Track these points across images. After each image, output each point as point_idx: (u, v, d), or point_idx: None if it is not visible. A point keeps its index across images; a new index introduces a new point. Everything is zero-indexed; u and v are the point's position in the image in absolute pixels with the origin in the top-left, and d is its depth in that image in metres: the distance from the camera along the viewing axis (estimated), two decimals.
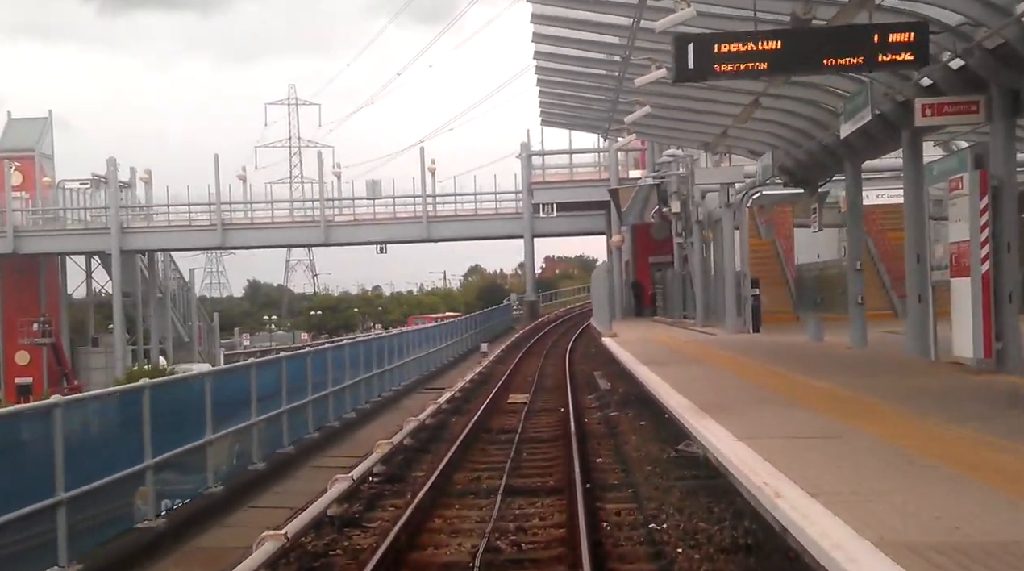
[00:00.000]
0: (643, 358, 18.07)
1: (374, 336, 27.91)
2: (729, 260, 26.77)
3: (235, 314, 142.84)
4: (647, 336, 26.72)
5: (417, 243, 69.74)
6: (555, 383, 30.52)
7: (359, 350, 24.00)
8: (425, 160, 68.19)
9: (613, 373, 29.93)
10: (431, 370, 34.22)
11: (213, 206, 66.14)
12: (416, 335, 32.14)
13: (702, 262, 32.62)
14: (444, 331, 38.48)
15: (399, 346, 28.55)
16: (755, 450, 8.87)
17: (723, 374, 15.95)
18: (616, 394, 23.41)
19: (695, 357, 18.89)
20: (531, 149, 49.59)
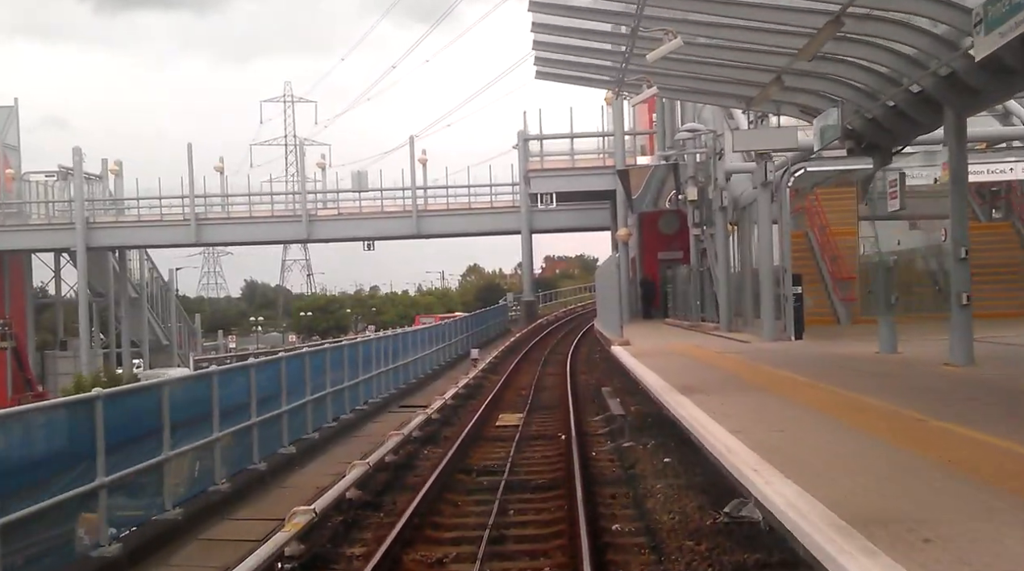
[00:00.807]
0: (676, 381, 13.30)
1: (342, 342, 23.19)
2: (766, 252, 22.05)
3: (231, 315, 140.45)
4: (667, 345, 21.98)
5: (406, 239, 64.95)
6: (554, 398, 25.93)
7: (321, 360, 19.31)
8: (415, 151, 63.55)
9: (622, 387, 25.28)
10: (410, 382, 29.51)
11: (187, 199, 61.34)
12: (394, 341, 27.44)
13: (726, 256, 27.89)
14: (428, 336, 33.76)
15: (371, 354, 23.84)
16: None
17: (807, 415, 10.55)
18: (629, 415, 18.79)
19: (746, 379, 14.07)
20: (528, 134, 44.94)
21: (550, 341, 49.40)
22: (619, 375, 29.88)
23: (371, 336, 29.97)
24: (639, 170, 34.39)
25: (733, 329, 27.60)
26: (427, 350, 33.17)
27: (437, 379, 32.96)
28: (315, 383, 18.21)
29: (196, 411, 12.80)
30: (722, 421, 9.48)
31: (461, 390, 27.06)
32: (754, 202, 25.55)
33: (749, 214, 26.31)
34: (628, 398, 22.74)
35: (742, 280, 27.24)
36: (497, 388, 28.18)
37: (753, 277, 25.69)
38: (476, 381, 30.52)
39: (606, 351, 35.50)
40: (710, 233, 32.52)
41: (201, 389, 13.25)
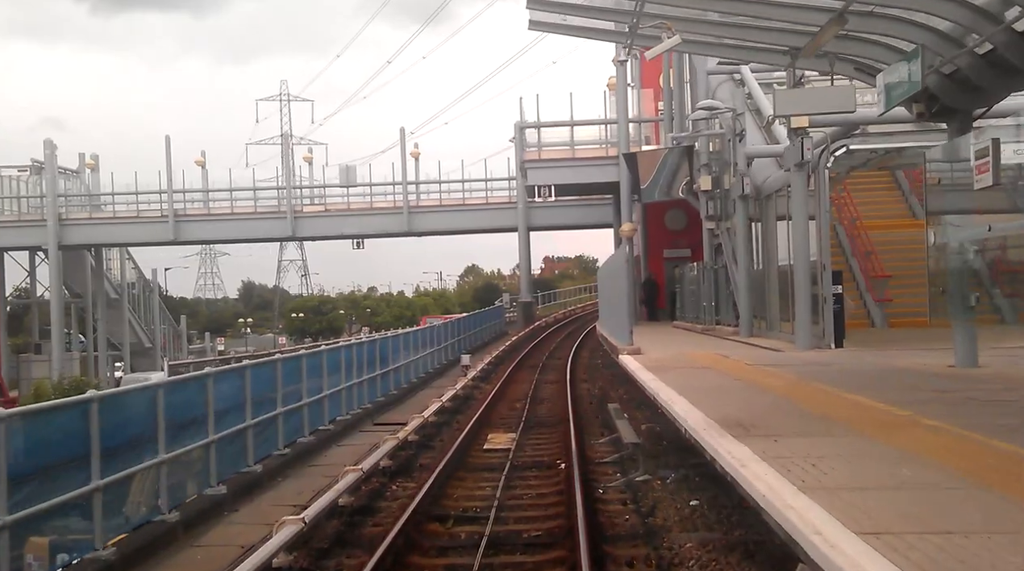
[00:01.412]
0: (715, 411, 9.67)
1: (299, 352, 19.91)
2: (801, 245, 18.77)
3: (228, 316, 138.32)
4: (685, 354, 18.66)
5: (397, 237, 61.67)
6: (552, 414, 22.75)
7: (270, 374, 16.05)
8: (407, 145, 60.30)
9: (628, 396, 22.04)
10: (391, 393, 26.23)
11: (165, 195, 58.06)
12: (370, 348, 24.17)
13: (747, 251, 24.63)
14: (413, 341, 30.48)
15: (340, 364, 20.58)
16: None
17: (964, 491, 6.32)
18: (644, 437, 15.58)
19: (807, 406, 10.45)
20: (525, 122, 41.66)
21: (548, 345, 46.14)
22: (624, 383, 26.68)
23: (343, 342, 26.71)
24: (649, 155, 31.05)
25: (754, 334, 24.33)
26: (412, 357, 29.90)
27: (423, 389, 29.68)
28: (261, 403, 14.94)
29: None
30: (827, 499, 5.95)
31: (447, 403, 23.81)
32: (780, 190, 22.28)
33: (775, 203, 23.06)
34: (637, 411, 19.56)
35: (765, 279, 23.98)
36: (488, 400, 24.97)
37: (779, 275, 22.43)
38: (465, 392, 27.27)
39: (610, 357, 32.32)
40: (726, 227, 29.23)
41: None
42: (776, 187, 22.80)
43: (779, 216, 22.85)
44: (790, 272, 21.21)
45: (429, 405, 21.72)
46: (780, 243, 22.63)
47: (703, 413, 9.47)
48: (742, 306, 24.69)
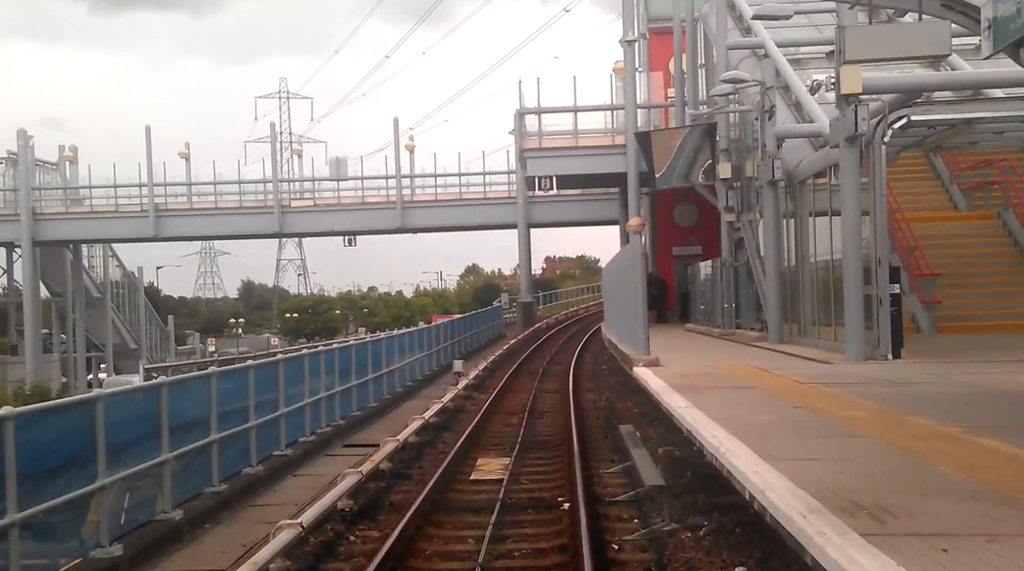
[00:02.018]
0: (814, 480, 6.34)
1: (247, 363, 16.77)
2: (852, 236, 15.68)
3: (227, 316, 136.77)
4: (715, 366, 15.48)
5: (390, 234, 58.61)
6: (553, 431, 19.78)
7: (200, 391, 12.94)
8: (402, 138, 57.19)
9: (638, 408, 19.06)
10: (370, 406, 23.11)
11: (145, 188, 54.94)
12: (343, 354, 21.09)
13: (776, 245, 21.54)
14: (399, 346, 27.37)
15: (302, 375, 17.48)
16: None
17: None
18: (662, 462, 12.59)
19: (931, 458, 7.27)
20: (525, 107, 38.51)
21: (549, 348, 43.06)
22: (633, 393, 23.61)
23: (307, 349, 23.64)
24: (665, 135, 27.70)
25: (785, 340, 21.26)
26: (397, 363, 26.79)
27: (409, 399, 26.58)
28: (188, 427, 11.85)
29: None
30: None
31: (432, 418, 20.72)
32: (821, 174, 19.21)
33: (810, 191, 19.98)
34: (650, 427, 16.51)
35: (798, 277, 20.90)
36: (480, 414, 21.93)
37: (816, 273, 19.35)
38: (455, 403, 24.18)
39: (616, 363, 29.37)
40: (748, 219, 26.16)
41: None
42: (813, 171, 19.72)
43: (815, 205, 19.78)
44: (831, 269, 18.15)
45: (411, 422, 18.61)
46: (817, 235, 19.55)
47: (788, 480, 6.26)
48: (770, 308, 21.60)
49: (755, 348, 20.62)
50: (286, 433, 15.84)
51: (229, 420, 13.54)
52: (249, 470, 14.07)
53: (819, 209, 19.37)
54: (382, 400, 24.34)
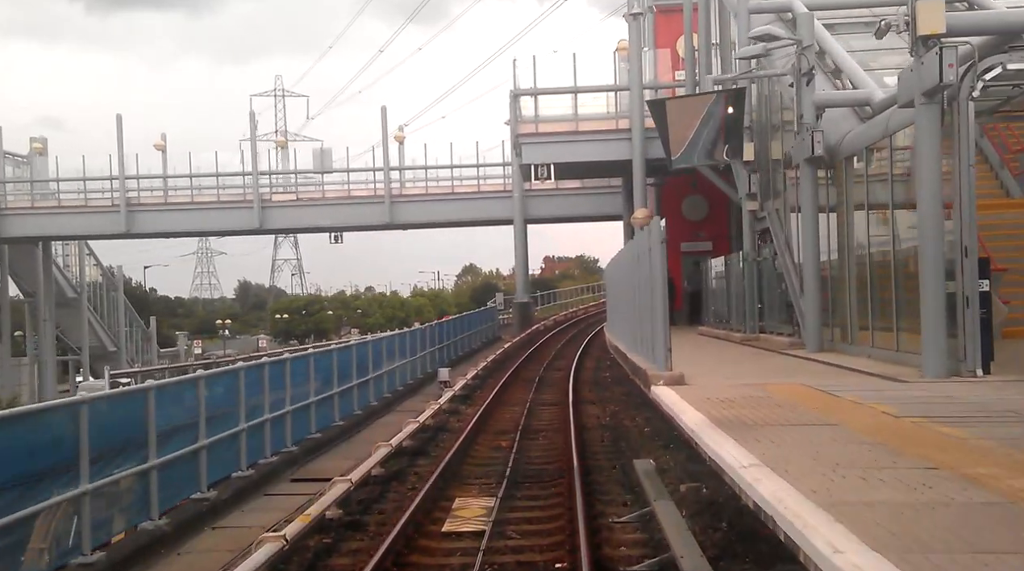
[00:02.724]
0: None
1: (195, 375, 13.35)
2: (931, 217, 12.24)
3: (224, 316, 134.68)
4: (757, 385, 11.90)
5: (377, 230, 55.31)
6: (550, 457, 16.61)
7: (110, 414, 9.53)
8: (394, 131, 53.85)
9: (654, 433, 15.87)
10: (335, 425, 19.65)
11: (116, 182, 51.52)
12: (302, 365, 17.68)
13: (814, 235, 18.11)
14: (374, 352, 23.92)
15: (235, 394, 14.05)
16: None
17: None
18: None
19: None
20: (520, 89, 34.99)
21: (547, 352, 39.67)
22: (643, 407, 20.26)
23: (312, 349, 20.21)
24: (684, 104, 23.78)
25: (825, 348, 17.85)
26: (373, 373, 23.36)
27: (383, 415, 23.13)
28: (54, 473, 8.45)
29: None
30: None
31: (407, 441, 17.32)
32: (879, 145, 15.80)
33: (865, 166, 16.58)
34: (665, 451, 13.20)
35: (843, 273, 17.49)
36: (465, 434, 18.53)
37: (871, 266, 15.94)
38: (437, 420, 20.78)
39: (622, 373, 26.08)
40: (775, 207, 22.73)
41: None
42: (865, 143, 16.30)
43: (867, 185, 16.36)
44: (892, 261, 14.72)
45: (375, 451, 15.18)
46: (866, 221, 16.13)
47: None
48: (807, 310, 18.16)
49: (791, 358, 17.20)
50: (208, 469, 12.39)
51: (120, 460, 10.13)
52: (148, 525, 10.64)
53: (873, 189, 15.96)
54: (352, 417, 20.90)
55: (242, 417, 13.82)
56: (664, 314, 12.38)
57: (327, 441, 18.17)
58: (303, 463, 16.07)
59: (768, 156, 23.18)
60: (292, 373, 16.86)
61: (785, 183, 22.38)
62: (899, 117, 13.98)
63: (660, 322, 12.46)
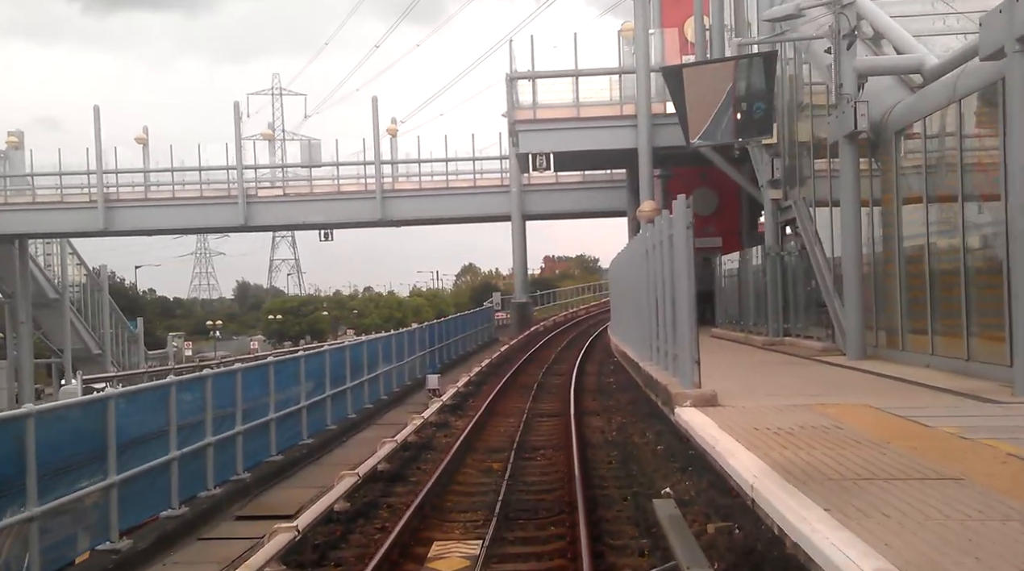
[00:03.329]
0: None
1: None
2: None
3: (220, 317, 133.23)
4: (824, 411, 9.27)
5: (369, 227, 52.72)
6: (550, 486, 14.24)
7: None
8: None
9: (669, 453, 13.51)
10: (303, 443, 17.11)
11: (94, 176, 48.98)
12: (260, 376, 15.17)
13: (855, 226, 15.58)
14: (354, 358, 21.39)
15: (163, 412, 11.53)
16: None
17: None
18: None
19: None
20: (517, 72, 32.32)
21: (546, 355, 37.21)
22: (653, 418, 17.81)
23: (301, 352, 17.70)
24: (705, 73, 20.94)
25: (869, 355, 15.34)
26: (350, 382, 20.83)
27: (361, 430, 20.59)
28: None
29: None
30: None
31: (382, 464, 14.84)
32: (924, 119, 13.29)
33: (923, 142, 14.06)
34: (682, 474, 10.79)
35: (893, 267, 14.96)
36: (451, 455, 16.09)
37: (930, 260, 13.42)
38: (421, 437, 18.31)
39: (628, 379, 23.70)
40: (802, 195, 20.20)
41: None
42: (918, 116, 13.79)
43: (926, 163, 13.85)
44: (962, 255, 12.21)
45: (338, 481, 12.66)
46: (924, 205, 13.62)
47: None
48: (849, 311, 15.62)
49: (831, 367, 14.66)
50: (121, 511, 9.85)
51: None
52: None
53: (932, 169, 13.45)
54: (324, 432, 18.37)
55: (173, 443, 11.30)
56: (691, 318, 9.87)
57: (290, 464, 15.63)
58: (256, 494, 13.54)
59: (794, 138, 20.65)
60: (245, 385, 14.34)
61: (812, 169, 19.90)
62: (973, 77, 11.48)
63: (686, 328, 9.94)
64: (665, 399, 11.10)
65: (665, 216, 11.80)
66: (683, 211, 9.99)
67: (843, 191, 15.69)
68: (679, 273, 10.08)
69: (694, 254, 29.89)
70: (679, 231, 10.00)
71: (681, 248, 9.97)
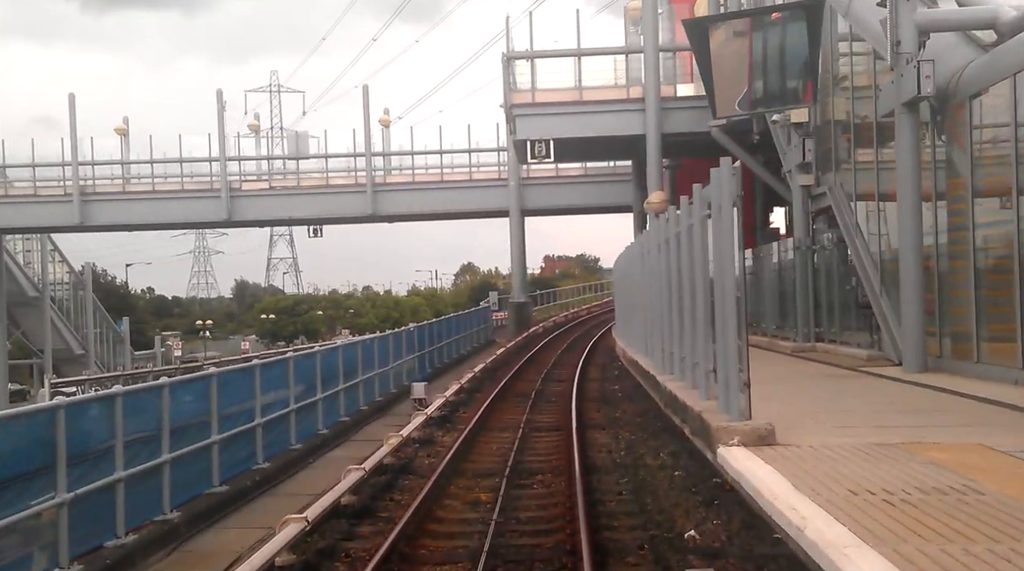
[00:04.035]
0: None
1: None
2: None
3: (218, 316, 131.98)
4: (928, 454, 6.73)
5: (358, 223, 50.22)
6: (548, 527, 11.70)
7: None
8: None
9: (689, 481, 11.07)
10: (257, 467, 14.50)
11: (69, 168, 46.44)
12: (200, 388, 12.58)
13: (913, 210, 12.98)
14: (324, 365, 18.79)
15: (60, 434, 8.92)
16: None
17: None
18: None
19: None
20: (514, 51, 29.71)
21: (546, 359, 34.63)
22: (666, 433, 15.31)
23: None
24: (734, 29, 18.27)
25: (931, 367, 12.75)
26: (321, 394, 18.23)
27: (332, 447, 17.98)
28: None
29: None
30: None
31: (345, 498, 12.28)
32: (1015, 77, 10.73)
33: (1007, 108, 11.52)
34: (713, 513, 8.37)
35: (967, 262, 12.38)
36: (434, 480, 13.55)
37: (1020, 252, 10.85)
38: (400, 459, 15.76)
39: (635, 386, 21.34)
40: (839, 181, 17.62)
41: None
42: (997, 77, 11.23)
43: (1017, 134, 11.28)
44: None
45: (280, 529, 10.07)
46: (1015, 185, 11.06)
47: None
48: (907, 313, 13.04)
49: (890, 381, 12.07)
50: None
51: None
52: None
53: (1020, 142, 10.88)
54: (285, 453, 15.77)
55: (60, 484, 8.70)
56: (738, 325, 7.28)
57: (236, 496, 13.03)
58: (184, 539, 10.94)
59: (829, 116, 18.06)
60: (178, 401, 11.77)
61: (849, 151, 17.34)
62: None
63: (730, 337, 7.37)
64: (700, 430, 8.49)
65: (697, 194, 9.18)
66: (729, 180, 7.41)
67: (901, 170, 13.10)
68: (722, 264, 7.51)
69: None
70: (724, 208, 7.43)
71: (726, 231, 7.39)
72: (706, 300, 8.17)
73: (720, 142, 26.16)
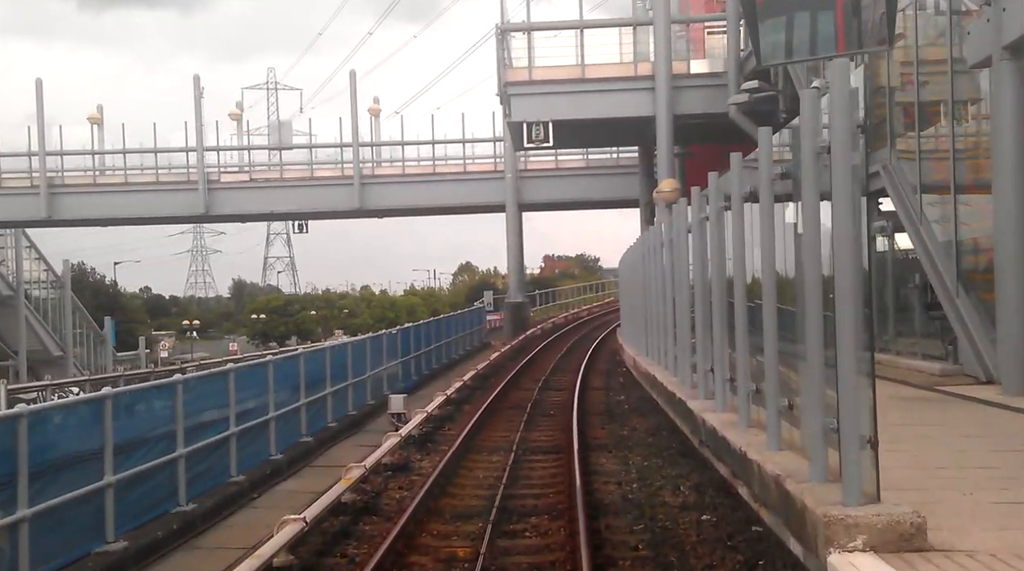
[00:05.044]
0: None
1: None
2: None
3: (215, 316, 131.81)
4: None
5: (345, 218, 47.35)
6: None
7: None
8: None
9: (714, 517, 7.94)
10: (182, 509, 11.53)
11: (36, 158, 43.55)
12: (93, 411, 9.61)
13: (1019, 188, 10.04)
14: (284, 375, 15.86)
15: None
16: None
17: None
18: None
19: None
20: (509, 23, 26.79)
21: (544, 364, 31.78)
22: (688, 456, 12.53)
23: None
24: None
25: None
26: (276, 411, 15.28)
27: (289, 475, 15.04)
28: None
29: None
30: None
31: (279, 557, 9.37)
32: None
33: None
34: None
35: None
36: (401, 526, 10.70)
37: None
38: (365, 493, 12.86)
39: (642, 395, 18.61)
40: (896, 155, 14.67)
41: None
42: None
43: None
44: None
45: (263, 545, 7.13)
46: None
47: None
48: (1005, 320, 10.11)
49: (1000, 410, 9.13)
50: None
51: None
52: None
53: None
54: (217, 489, 12.80)
55: None
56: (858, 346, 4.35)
57: (142, 554, 10.08)
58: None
59: (883, 83, 15.12)
60: (64, 427, 8.84)
61: (905, 125, 14.43)
62: None
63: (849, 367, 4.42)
64: (792, 516, 5.25)
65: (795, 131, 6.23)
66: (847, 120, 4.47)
67: (996, 138, 10.16)
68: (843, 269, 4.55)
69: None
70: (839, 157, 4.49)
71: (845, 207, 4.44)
72: (818, 302, 5.21)
73: (739, 123, 23.30)
